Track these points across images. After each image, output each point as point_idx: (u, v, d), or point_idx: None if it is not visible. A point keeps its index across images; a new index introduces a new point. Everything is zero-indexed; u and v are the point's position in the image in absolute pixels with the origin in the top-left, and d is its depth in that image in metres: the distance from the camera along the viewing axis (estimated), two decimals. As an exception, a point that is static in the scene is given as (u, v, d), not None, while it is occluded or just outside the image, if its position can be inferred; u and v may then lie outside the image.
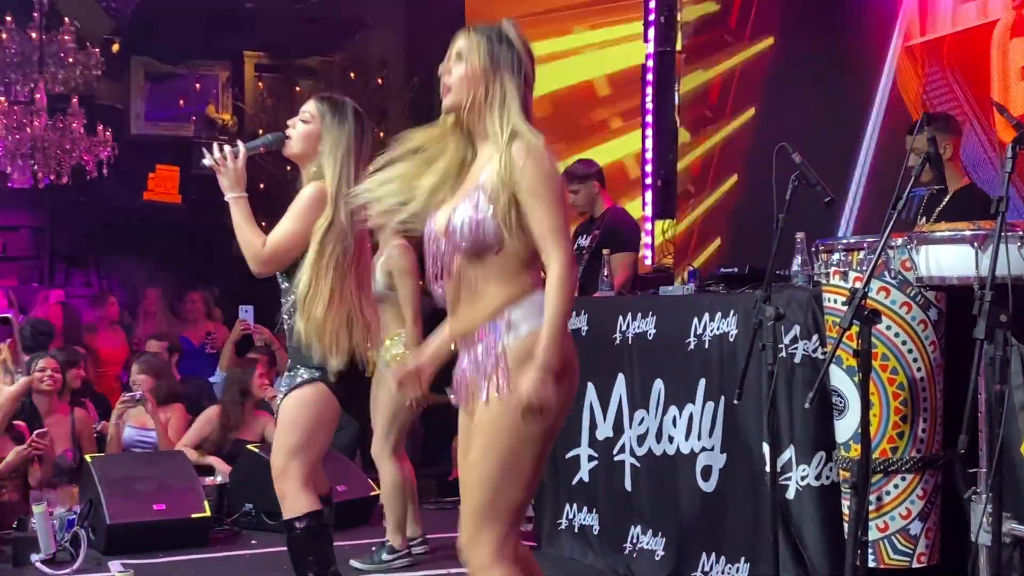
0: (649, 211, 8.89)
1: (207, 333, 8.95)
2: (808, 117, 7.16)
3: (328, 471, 4.51)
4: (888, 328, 3.79)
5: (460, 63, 3.07)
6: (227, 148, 4.11)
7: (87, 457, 6.09)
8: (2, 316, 2.79)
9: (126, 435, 6.92)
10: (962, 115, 6.30)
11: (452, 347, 3.22)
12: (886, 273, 3.82)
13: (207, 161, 4.13)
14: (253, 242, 4.09)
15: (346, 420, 5.33)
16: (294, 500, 4.12)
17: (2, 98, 9.71)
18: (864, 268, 3.76)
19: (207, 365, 8.45)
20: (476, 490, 3.02)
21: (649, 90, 8.94)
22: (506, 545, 3.01)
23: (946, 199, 4.92)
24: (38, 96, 9.65)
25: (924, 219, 4.88)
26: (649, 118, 8.94)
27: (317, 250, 4.05)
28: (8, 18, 9.64)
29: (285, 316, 4.23)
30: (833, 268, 4.03)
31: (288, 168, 4.80)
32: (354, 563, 5.45)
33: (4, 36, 9.63)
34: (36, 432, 5.76)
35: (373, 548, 5.59)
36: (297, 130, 4.23)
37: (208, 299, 9.44)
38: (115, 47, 10.83)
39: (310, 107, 4.26)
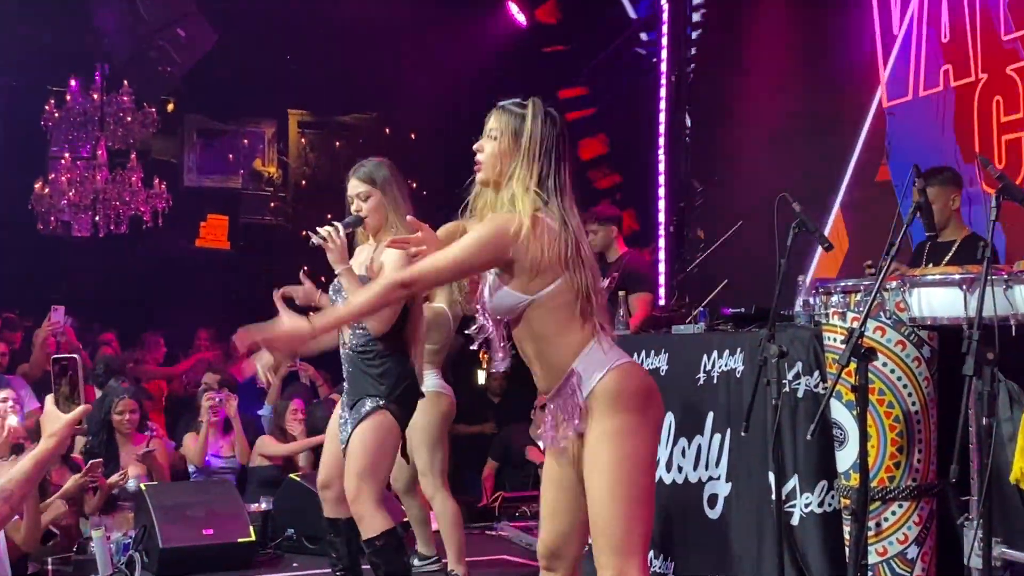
0: (662, 255, 8.90)
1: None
2: (797, 169, 7.23)
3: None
4: (884, 365, 3.79)
5: (490, 140, 3.11)
6: (328, 228, 4.20)
7: (142, 486, 6.11)
8: (68, 356, 2.82)
9: (214, 463, 7.05)
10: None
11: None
12: (882, 313, 3.82)
13: (316, 240, 4.22)
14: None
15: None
16: (371, 520, 4.19)
17: (67, 154, 9.83)
18: (861, 309, 3.76)
19: (256, 400, 8.46)
20: (614, 523, 2.96)
21: (661, 141, 8.98)
22: (646, 566, 3.01)
23: (954, 248, 4.90)
24: (99, 152, 9.77)
25: (931, 266, 4.84)
26: (662, 166, 8.97)
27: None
28: (72, 81, 9.78)
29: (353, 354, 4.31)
30: (832, 309, 4.04)
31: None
32: None
33: (68, 98, 9.77)
34: (90, 463, 5.79)
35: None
36: (367, 206, 4.33)
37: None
38: (170, 106, 10.97)
39: (359, 187, 4.35)
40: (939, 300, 3.63)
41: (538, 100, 3.14)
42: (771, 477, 4.10)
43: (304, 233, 4.34)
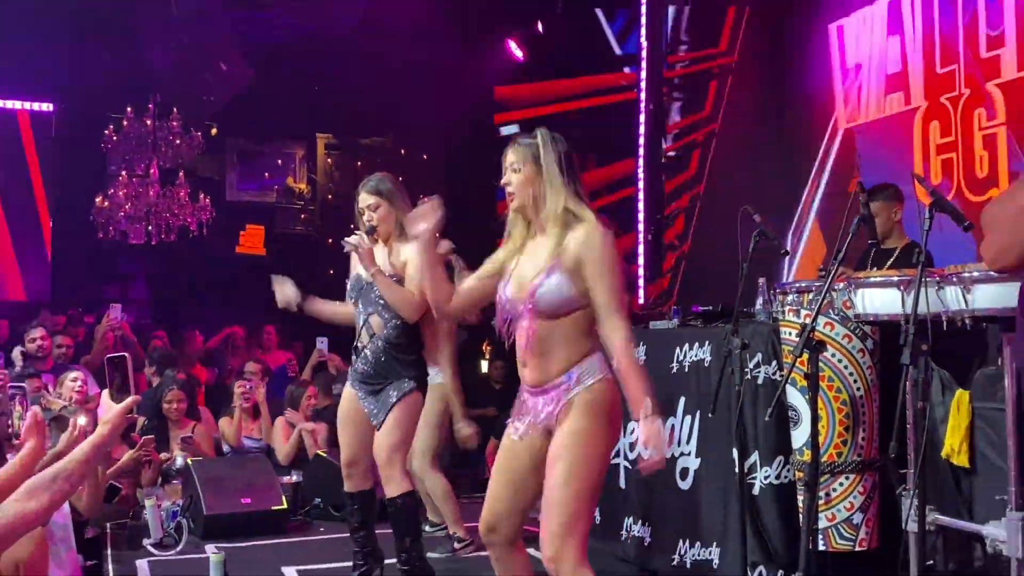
0: (642, 260, 8.90)
1: (288, 359, 8.97)
2: (761, 185, 7.22)
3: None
4: (833, 355, 3.78)
5: (514, 172, 3.11)
6: (357, 236, 4.23)
7: (189, 461, 6.12)
8: (120, 355, 2.86)
9: (246, 443, 7.01)
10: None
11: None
12: (831, 311, 3.81)
13: (348, 248, 4.25)
14: (408, 297, 4.22)
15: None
16: (398, 483, 4.28)
17: (124, 172, 9.85)
18: (813, 307, 3.75)
19: (284, 386, 8.43)
20: (564, 509, 2.97)
21: (640, 162, 8.97)
22: (586, 551, 3.01)
23: (895, 254, 4.90)
24: (152, 171, 9.78)
25: (873, 270, 4.84)
26: (641, 184, 8.97)
27: None
28: (128, 109, 9.80)
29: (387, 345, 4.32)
30: (788, 307, 4.03)
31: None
32: (431, 555, 5.40)
33: (125, 124, 9.78)
34: (143, 439, 5.80)
35: (443, 539, 5.56)
36: (378, 215, 4.32)
37: (281, 331, 9.47)
38: (213, 131, 10.98)
39: (368, 199, 4.34)
40: (880, 299, 3.62)
41: (543, 128, 3.15)
42: (734, 453, 4.10)
43: (338, 241, 4.36)
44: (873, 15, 6.81)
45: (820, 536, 3.76)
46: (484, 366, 10.01)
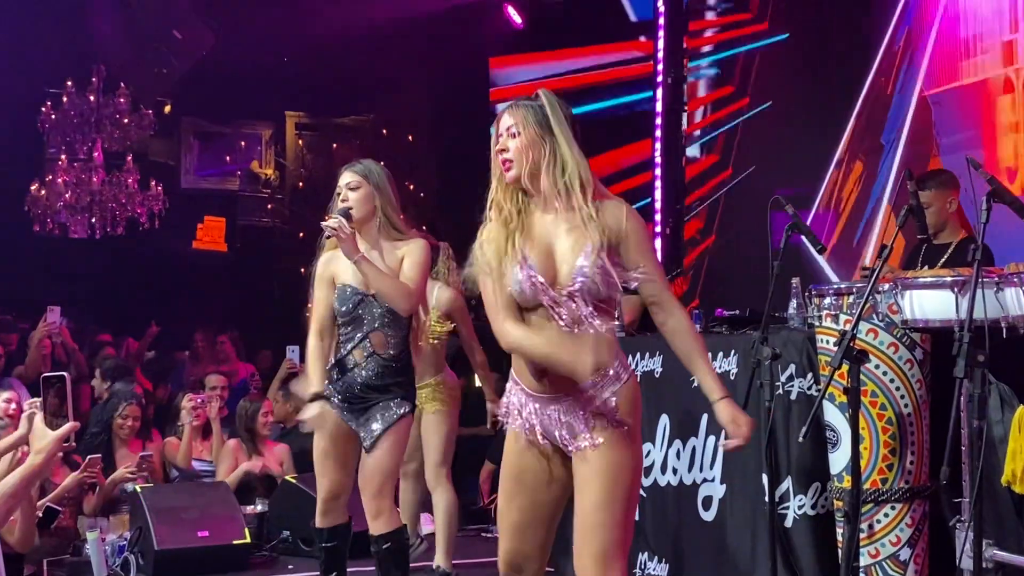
0: (658, 256, 8.93)
1: (251, 374, 8.98)
2: (796, 172, 7.23)
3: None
4: (877, 367, 3.80)
5: (513, 137, 3.05)
6: (336, 218, 4.19)
7: (137, 487, 6.12)
8: (57, 375, 2.86)
9: (196, 466, 7.00)
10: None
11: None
12: (874, 316, 3.84)
13: (328, 232, 4.23)
14: (399, 285, 4.24)
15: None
16: (388, 517, 4.31)
17: (63, 156, 9.86)
18: (854, 311, 3.77)
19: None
20: (604, 532, 2.95)
21: (658, 145, 9.00)
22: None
23: (949, 251, 4.88)
24: (96, 154, 9.80)
25: (926, 268, 4.85)
26: (658, 171, 8.99)
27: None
28: (69, 83, 9.81)
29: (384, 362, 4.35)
30: (825, 311, 4.05)
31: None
32: None
33: (65, 99, 9.79)
34: (89, 458, 5.80)
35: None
36: (355, 196, 4.32)
37: (236, 340, 9.48)
38: (167, 108, 10.99)
39: (350, 177, 4.36)
40: (931, 303, 3.64)
41: (545, 89, 3.13)
42: (764, 479, 4.12)
43: (310, 235, 4.37)
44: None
45: (862, 574, 3.78)
46: (477, 380, 10.03)
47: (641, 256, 3.03)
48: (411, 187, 10.85)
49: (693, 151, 9.09)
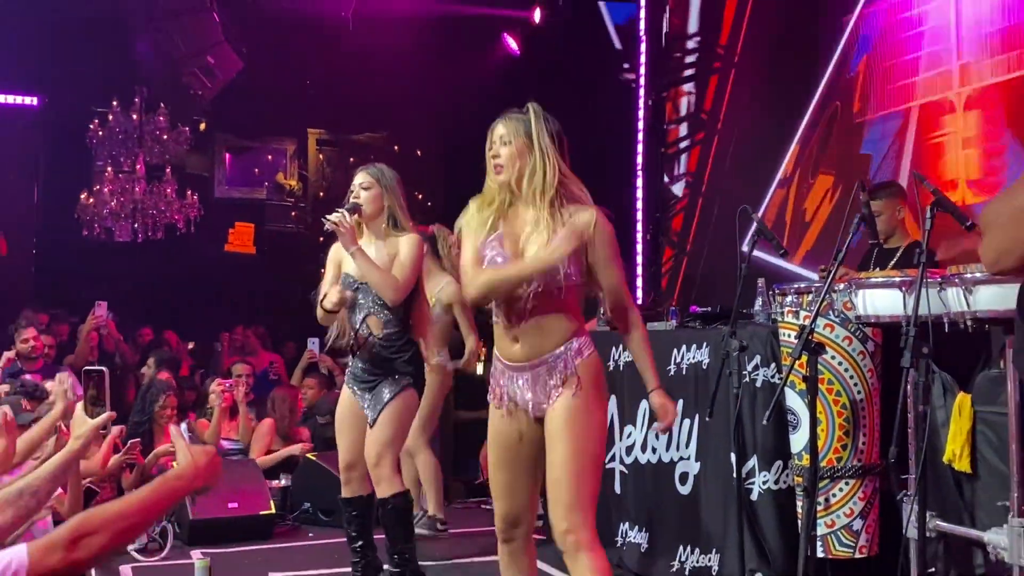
0: (640, 260, 8.92)
1: (271, 363, 8.98)
2: (762, 184, 7.24)
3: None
4: (833, 358, 3.80)
5: (505, 145, 3.14)
6: (337, 214, 4.20)
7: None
8: (97, 368, 2.85)
9: (224, 445, 6.99)
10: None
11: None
12: (831, 312, 3.83)
13: (329, 226, 4.22)
14: (387, 278, 4.26)
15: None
16: (389, 483, 4.31)
17: (109, 168, 9.86)
18: (812, 308, 3.77)
19: (267, 389, 8.41)
20: (574, 483, 3.03)
21: (639, 159, 8.99)
22: (595, 526, 3.09)
23: (898, 254, 4.90)
24: (138, 167, 9.80)
25: (877, 270, 4.85)
26: (639, 181, 8.99)
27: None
28: (114, 103, 9.81)
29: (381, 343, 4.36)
30: (787, 308, 4.05)
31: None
32: (419, 530, 5.41)
33: (111, 118, 9.80)
34: (129, 443, 5.80)
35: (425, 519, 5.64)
36: (366, 195, 4.36)
37: (262, 333, 9.48)
38: (202, 126, 10.99)
39: (363, 178, 4.39)
40: (881, 300, 3.64)
41: (534, 103, 3.19)
42: (733, 457, 4.12)
43: (330, 239, 4.36)
44: (891, 5, 6.75)
45: (819, 543, 3.78)
46: (480, 368, 10.04)
47: (605, 260, 3.12)
48: (419, 197, 10.85)
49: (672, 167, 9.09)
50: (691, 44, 8.96)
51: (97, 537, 1.96)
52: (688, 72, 8.94)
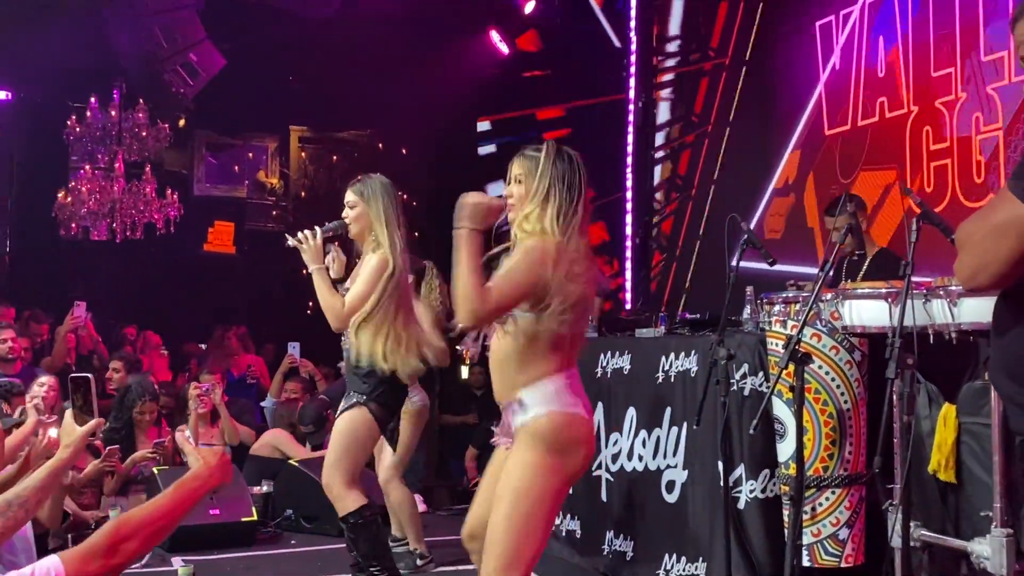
0: (629, 264, 9.02)
1: (248, 365, 9.04)
2: (751, 191, 7.36)
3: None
4: (820, 367, 3.90)
5: (517, 184, 3.17)
6: (306, 232, 4.31)
7: (155, 469, 6.18)
8: (83, 375, 2.92)
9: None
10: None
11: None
12: (818, 322, 3.93)
13: (291, 242, 4.30)
14: (335, 305, 4.33)
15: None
16: (343, 501, 4.34)
17: (87, 166, 9.89)
18: (799, 318, 3.87)
19: (243, 393, 8.45)
20: (499, 549, 2.99)
21: (629, 160, 9.09)
22: None
23: (867, 262, 5.05)
24: (116, 165, 9.83)
25: (848, 280, 4.99)
26: (629, 183, 9.09)
27: (378, 294, 4.32)
28: (92, 99, 9.84)
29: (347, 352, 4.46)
30: (775, 317, 4.15)
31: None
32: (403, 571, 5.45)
33: (89, 114, 9.82)
34: (108, 449, 5.86)
35: (405, 555, 5.63)
36: (351, 214, 4.46)
37: (243, 335, 9.54)
38: (181, 122, 11.02)
39: (349, 197, 4.48)
40: (868, 311, 3.75)
41: (552, 142, 3.21)
42: (720, 466, 4.22)
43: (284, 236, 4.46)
44: (855, 14, 6.91)
45: (805, 552, 3.89)
46: (464, 372, 10.14)
47: (501, 270, 3.04)
48: (404, 196, 10.90)
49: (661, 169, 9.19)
50: (677, 46, 9.07)
51: (132, 542, 2.19)
52: (676, 74, 9.06)
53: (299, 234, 4.33)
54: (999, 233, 1.93)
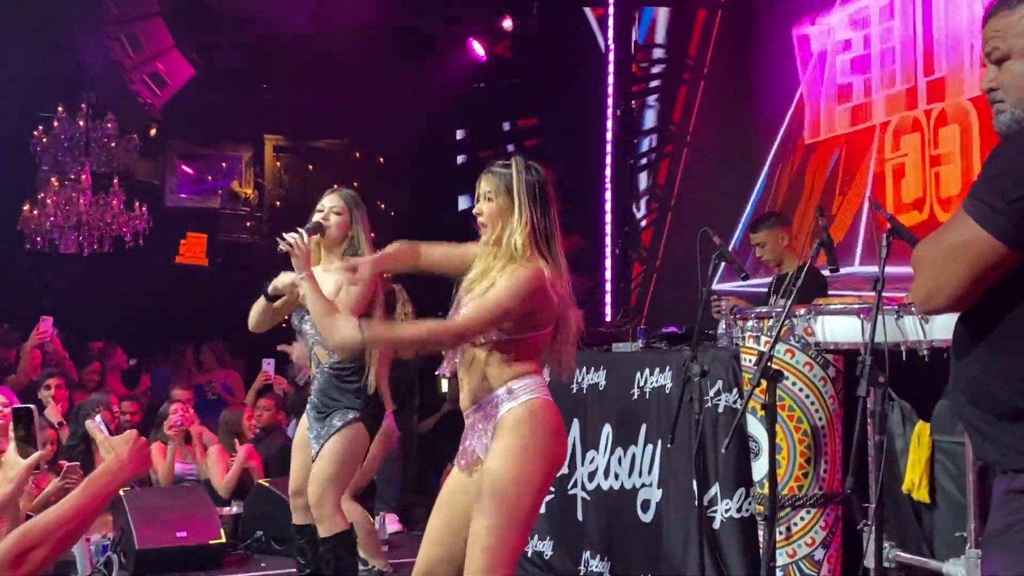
0: (608, 275, 9.03)
1: (209, 382, 9.00)
2: (728, 201, 7.40)
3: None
4: (794, 384, 3.93)
5: (487, 202, 3.20)
6: (294, 235, 4.15)
7: (119, 491, 6.16)
8: (26, 407, 2.88)
9: (178, 469, 7.02)
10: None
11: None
12: (791, 337, 3.95)
13: (283, 247, 4.23)
14: (327, 314, 4.22)
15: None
16: (330, 522, 4.30)
17: (54, 178, 9.85)
18: (772, 333, 3.88)
19: (208, 409, 8.37)
20: (488, 540, 3.00)
21: (608, 171, 9.11)
22: None
23: (789, 277, 5.05)
24: (84, 176, 9.79)
25: (775, 297, 4.98)
26: (608, 194, 9.10)
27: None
28: (60, 108, 9.80)
29: (318, 372, 4.42)
30: (748, 333, 4.17)
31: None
32: None
33: (56, 124, 9.79)
34: (67, 467, 5.83)
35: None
36: (334, 221, 4.40)
37: (218, 349, 9.50)
38: (152, 131, 10.99)
39: (337, 202, 4.44)
40: (840, 327, 3.78)
41: (519, 157, 3.24)
42: (694, 484, 4.23)
43: (276, 240, 4.38)
44: (832, 24, 6.96)
45: (780, 573, 3.90)
46: (444, 385, 10.14)
47: (483, 295, 3.08)
48: (382, 207, 10.92)
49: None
50: (659, 54, 9.11)
51: (40, 549, 2.11)
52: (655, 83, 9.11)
53: (288, 237, 4.25)
54: (953, 255, 1.94)
